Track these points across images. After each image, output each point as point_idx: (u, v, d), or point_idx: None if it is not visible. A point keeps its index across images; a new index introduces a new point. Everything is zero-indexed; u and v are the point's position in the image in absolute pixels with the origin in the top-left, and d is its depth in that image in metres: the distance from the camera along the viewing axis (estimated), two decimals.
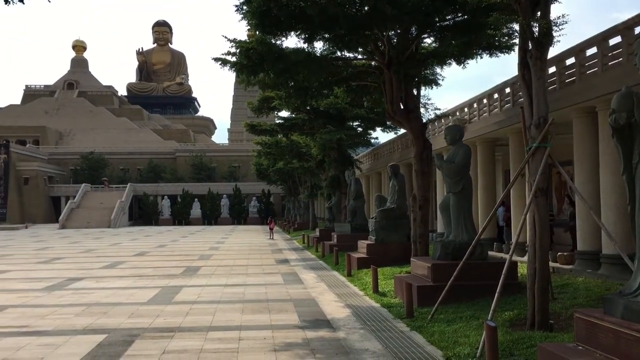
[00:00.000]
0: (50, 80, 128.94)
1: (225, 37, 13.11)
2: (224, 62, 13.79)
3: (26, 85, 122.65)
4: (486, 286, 10.28)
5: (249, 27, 13.53)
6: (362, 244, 19.00)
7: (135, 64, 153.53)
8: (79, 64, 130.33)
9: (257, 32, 13.78)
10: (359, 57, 16.17)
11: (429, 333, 8.80)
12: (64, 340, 8.82)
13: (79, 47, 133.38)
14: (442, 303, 9.99)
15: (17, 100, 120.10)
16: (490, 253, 16.79)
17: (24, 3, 6.49)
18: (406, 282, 10.78)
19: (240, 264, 20.93)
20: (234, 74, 14.18)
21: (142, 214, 73.21)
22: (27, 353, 8.08)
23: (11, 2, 6.30)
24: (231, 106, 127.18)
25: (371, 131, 31.98)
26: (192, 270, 19.15)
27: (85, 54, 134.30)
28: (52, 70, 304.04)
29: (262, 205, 73.59)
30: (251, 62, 13.05)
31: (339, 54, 15.35)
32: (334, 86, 17.80)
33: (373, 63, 15.84)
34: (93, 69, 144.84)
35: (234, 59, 13.72)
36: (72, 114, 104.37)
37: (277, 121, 34.39)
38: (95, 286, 15.36)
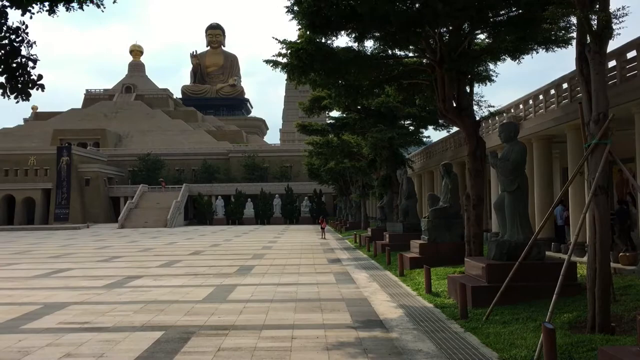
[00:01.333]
0: (110, 85, 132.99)
1: (276, 39, 13.25)
2: (275, 63, 13.92)
3: (87, 90, 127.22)
4: (544, 287, 10.01)
5: (299, 28, 13.59)
6: (415, 244, 18.82)
7: (190, 66, 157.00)
8: (136, 68, 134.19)
9: (307, 33, 13.85)
10: (410, 55, 16.03)
11: (484, 334, 8.64)
12: (123, 337, 9.09)
13: (136, 51, 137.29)
14: (498, 304, 9.79)
15: (78, 104, 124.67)
16: (548, 253, 16.34)
17: (83, 9, 6.71)
18: (460, 282, 10.61)
19: (293, 264, 21.07)
20: (285, 74, 14.30)
21: (197, 213, 74.69)
22: (88, 348, 8.37)
23: (72, 9, 6.52)
24: (282, 106, 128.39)
25: (423, 130, 31.61)
26: (246, 269, 19.41)
27: (142, 58, 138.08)
28: (111, 74, 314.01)
29: (313, 204, 73.90)
30: (301, 63, 13.13)
31: (389, 52, 15.25)
32: (385, 85, 17.70)
33: (424, 61, 15.68)
34: (149, 72, 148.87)
35: (284, 60, 13.83)
36: (130, 116, 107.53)
37: (328, 121, 34.47)
38: (152, 284, 15.77)
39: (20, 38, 5.81)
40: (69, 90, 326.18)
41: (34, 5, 6.08)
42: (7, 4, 5.88)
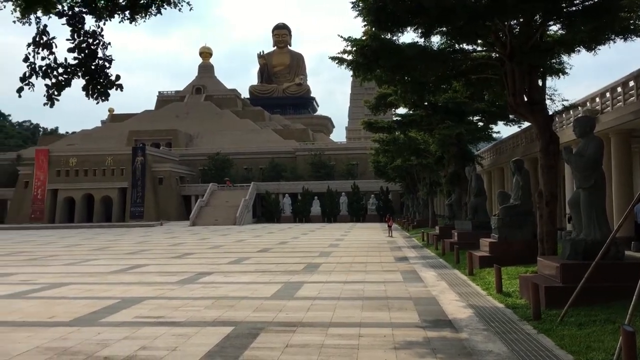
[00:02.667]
0: (181, 86, 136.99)
1: (341, 36, 13.24)
2: (340, 60, 13.93)
3: (159, 92, 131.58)
4: (623, 288, 9.54)
5: (364, 24, 13.53)
6: (484, 242, 18.39)
7: (257, 67, 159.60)
8: (206, 69, 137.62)
9: (373, 29, 13.77)
10: (478, 49, 15.63)
11: (558, 336, 8.33)
12: (195, 331, 9.35)
13: (206, 53, 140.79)
14: (573, 305, 9.41)
15: (152, 106, 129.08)
16: (628, 253, 15.58)
17: (161, 13, 6.94)
18: (533, 282, 10.28)
19: (359, 262, 21.05)
20: (351, 72, 14.27)
21: (265, 211, 75.89)
22: (162, 342, 8.66)
23: (150, 15, 6.76)
24: (348, 104, 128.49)
25: (493, 125, 30.87)
26: (313, 266, 19.54)
27: (211, 60, 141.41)
28: (182, 76, 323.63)
29: (380, 202, 73.58)
30: (366, 60, 13.07)
31: (456, 47, 14.94)
32: (452, 80, 17.34)
33: (493, 55, 15.25)
34: (218, 73, 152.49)
35: (350, 57, 13.81)
36: (200, 117, 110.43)
37: (395, 118, 34.17)
38: (222, 280, 16.13)
39: (97, 41, 6.07)
40: (143, 93, 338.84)
41: (115, 15, 6.35)
42: (85, 10, 6.16)
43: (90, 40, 6.02)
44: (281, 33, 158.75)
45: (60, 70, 5.84)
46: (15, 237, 47.75)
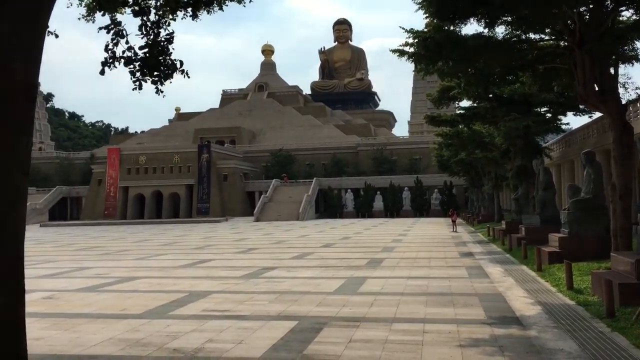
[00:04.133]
0: (244, 84, 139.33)
1: (403, 28, 13.09)
2: (401, 53, 13.78)
3: (223, 90, 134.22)
4: None
5: (426, 16, 13.32)
6: (553, 237, 17.80)
7: (318, 63, 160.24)
8: (268, 67, 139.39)
9: (435, 21, 13.54)
10: (545, 38, 15.11)
11: (633, 335, 7.97)
12: (260, 325, 9.50)
13: (268, 51, 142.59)
14: None
15: (216, 104, 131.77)
16: None
17: (222, 9, 7.06)
18: (606, 278, 9.87)
19: (423, 257, 20.82)
20: (412, 65, 14.10)
21: (327, 207, 76.18)
22: (229, 335, 8.85)
23: (212, 11, 6.90)
24: (411, 98, 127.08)
25: (562, 116, 29.77)
26: (376, 262, 19.47)
27: (273, 57, 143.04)
28: (245, 74, 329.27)
29: (444, 197, 72.48)
30: (428, 52, 12.88)
31: (522, 36, 14.49)
32: (518, 71, 16.84)
33: (562, 43, 14.70)
34: (280, 70, 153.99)
35: (411, 49, 13.64)
36: (263, 114, 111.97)
37: (458, 111, 33.52)
38: (286, 275, 16.33)
39: (160, 31, 6.24)
40: (209, 92, 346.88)
41: (177, 13, 6.50)
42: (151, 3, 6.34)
43: (156, 31, 6.21)
44: (342, 28, 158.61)
45: (139, 64, 6.06)
46: (90, 232, 49.95)
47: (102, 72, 6.01)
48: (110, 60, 5.90)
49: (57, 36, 5.09)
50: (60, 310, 11.30)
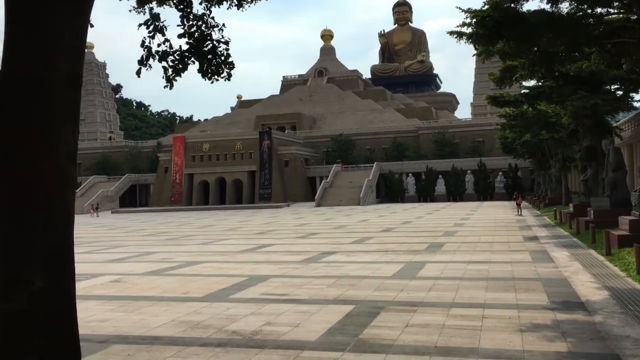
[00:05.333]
0: (304, 70, 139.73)
1: (459, 8, 12.73)
2: (459, 34, 13.43)
3: (283, 77, 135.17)
4: None
5: None
6: (624, 220, 17.04)
7: (378, 46, 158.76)
8: (327, 52, 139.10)
9: None
10: (613, 12, 14.36)
11: None
12: (317, 309, 9.58)
13: (327, 36, 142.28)
14: None
15: (277, 90, 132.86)
16: None
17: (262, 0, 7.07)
18: None
19: (485, 241, 20.40)
20: (471, 45, 13.72)
21: (388, 191, 75.76)
22: (286, 318, 8.97)
23: (254, 1, 6.91)
24: (473, 79, 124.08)
25: (634, 94, 28.36)
26: (436, 246, 19.24)
27: (332, 42, 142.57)
28: (305, 59, 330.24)
29: (508, 180, 70.69)
30: (487, 31, 12.48)
31: (588, 11, 13.82)
32: (584, 47, 16.09)
33: (631, 17, 13.94)
34: (339, 55, 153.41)
35: (469, 30, 13.26)
36: (323, 99, 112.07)
37: (522, 91, 32.47)
38: (345, 260, 16.37)
39: (207, 24, 6.30)
40: (269, 79, 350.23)
41: (223, 2, 6.56)
42: None
43: (200, 24, 6.26)
44: (402, 10, 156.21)
45: (176, 55, 6.13)
46: (157, 218, 51.66)
47: (139, 73, 6.10)
48: (147, 57, 5.97)
49: (92, 25, 5.26)
50: (127, 293, 11.76)
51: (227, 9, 6.66)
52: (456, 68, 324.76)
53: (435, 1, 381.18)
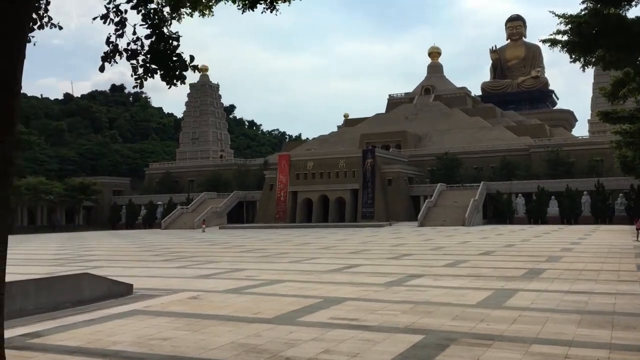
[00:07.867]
0: (410, 88, 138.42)
1: (553, 13, 11.74)
2: (553, 42, 12.38)
3: (389, 95, 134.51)
4: None
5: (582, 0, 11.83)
6: None
7: (489, 63, 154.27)
8: (435, 69, 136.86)
9: (598, 5, 11.98)
10: None
11: None
12: (383, 337, 8.99)
13: (435, 53, 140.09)
14: None
15: (383, 109, 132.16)
16: None
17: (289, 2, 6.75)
18: None
19: (592, 269, 18.66)
20: (567, 54, 12.60)
21: (496, 212, 72.62)
22: (346, 346, 8.46)
23: (288, 2, 6.61)
24: (591, 94, 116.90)
25: None
26: (535, 272, 17.86)
27: (440, 59, 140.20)
28: (412, 78, 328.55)
29: (630, 202, 65.32)
30: (583, 39, 11.37)
31: None
32: None
33: None
34: (447, 72, 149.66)
35: (564, 37, 12.20)
36: (429, 117, 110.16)
37: (638, 106, 29.80)
38: (430, 284, 15.54)
39: (161, 19, 6.05)
40: (376, 97, 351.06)
41: (257, 5, 6.32)
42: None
43: (157, 21, 6.03)
44: (515, 25, 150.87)
45: (147, 55, 5.94)
46: (259, 235, 52.75)
47: (102, 69, 5.96)
48: (111, 54, 5.80)
49: (60, 28, 5.25)
50: (199, 311, 11.74)
51: (262, 13, 6.42)
52: (575, 84, 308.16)
53: (551, 14, 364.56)
